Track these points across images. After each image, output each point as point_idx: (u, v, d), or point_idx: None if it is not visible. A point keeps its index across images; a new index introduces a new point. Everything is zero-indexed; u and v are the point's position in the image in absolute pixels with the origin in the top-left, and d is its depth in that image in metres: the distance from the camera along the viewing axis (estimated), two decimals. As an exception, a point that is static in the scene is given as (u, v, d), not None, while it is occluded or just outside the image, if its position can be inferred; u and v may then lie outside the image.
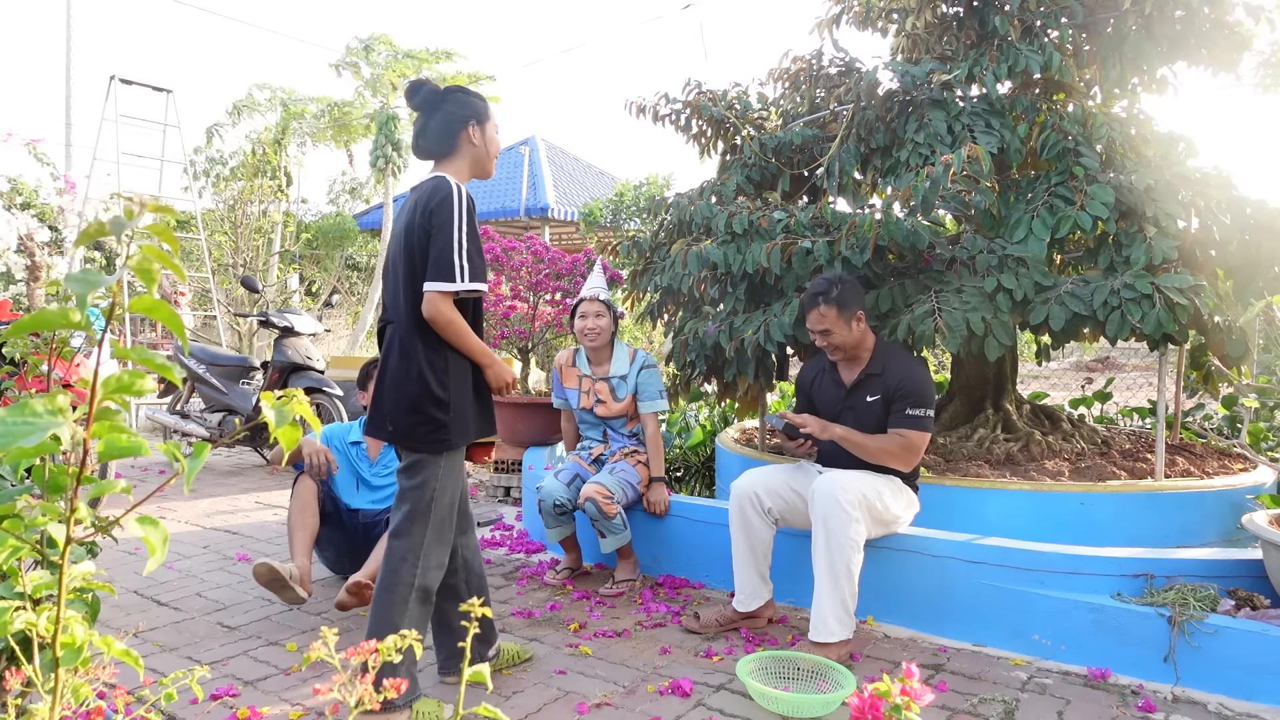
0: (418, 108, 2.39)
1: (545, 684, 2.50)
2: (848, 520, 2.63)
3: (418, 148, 2.40)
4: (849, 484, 2.70)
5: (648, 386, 3.56)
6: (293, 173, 11.76)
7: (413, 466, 2.32)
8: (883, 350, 2.93)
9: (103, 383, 0.83)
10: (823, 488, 2.70)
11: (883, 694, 1.26)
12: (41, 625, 0.96)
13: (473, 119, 2.37)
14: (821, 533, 2.67)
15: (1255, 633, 2.38)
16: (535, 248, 5.18)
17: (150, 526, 0.87)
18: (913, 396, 2.78)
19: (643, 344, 8.98)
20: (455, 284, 2.21)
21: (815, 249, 3.37)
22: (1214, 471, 3.73)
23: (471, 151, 2.38)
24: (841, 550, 2.62)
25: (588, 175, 17.24)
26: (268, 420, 0.92)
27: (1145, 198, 3.31)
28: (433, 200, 2.24)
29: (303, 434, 1.00)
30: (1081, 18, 3.87)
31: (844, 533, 2.63)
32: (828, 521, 2.65)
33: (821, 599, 2.64)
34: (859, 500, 2.68)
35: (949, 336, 3.06)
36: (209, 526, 4.44)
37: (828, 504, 2.66)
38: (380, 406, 2.34)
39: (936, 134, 3.64)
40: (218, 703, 2.35)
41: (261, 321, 6.03)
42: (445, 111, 2.36)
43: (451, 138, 2.35)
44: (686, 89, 4.54)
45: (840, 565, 2.62)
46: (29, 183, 12.14)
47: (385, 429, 2.34)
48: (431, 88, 2.39)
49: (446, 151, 2.36)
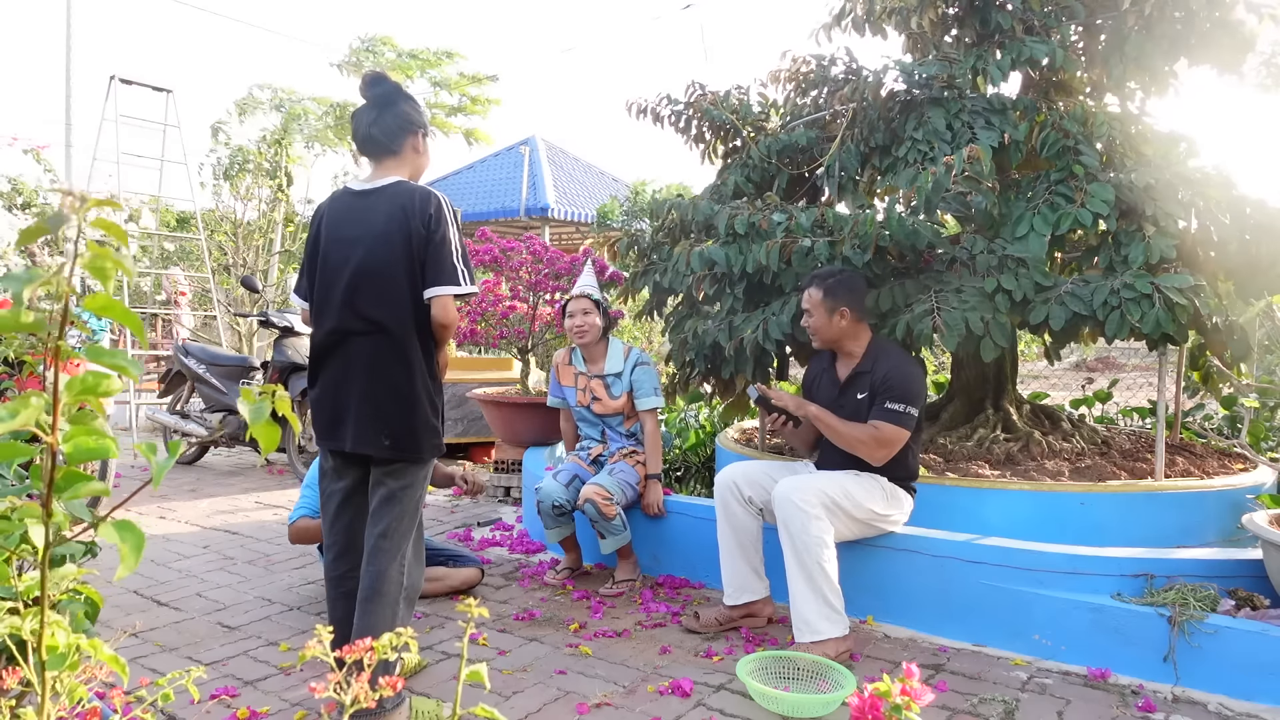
0: (373, 100, 2.33)
1: (545, 684, 2.50)
2: (806, 518, 2.65)
3: (368, 139, 2.32)
4: (805, 485, 2.74)
5: (643, 383, 3.56)
6: (294, 173, 11.75)
7: (402, 469, 2.29)
8: (876, 348, 2.94)
9: (67, 385, 0.80)
10: (780, 494, 2.74)
11: (883, 694, 1.26)
12: (26, 630, 0.95)
13: (422, 129, 2.37)
14: (786, 536, 2.71)
15: (1255, 633, 2.38)
16: (535, 248, 5.18)
17: (125, 532, 0.83)
18: (894, 391, 2.78)
19: (642, 344, 8.98)
20: (461, 287, 2.22)
21: (815, 248, 3.38)
22: (1214, 471, 3.73)
23: (413, 159, 2.37)
24: (808, 549, 2.64)
25: (588, 175, 17.22)
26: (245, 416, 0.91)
27: (1145, 196, 3.31)
28: (429, 207, 2.22)
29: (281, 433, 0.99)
30: (1082, 17, 3.87)
31: (805, 531, 2.65)
32: (788, 524, 2.69)
33: (799, 600, 2.65)
34: (817, 499, 2.70)
35: (947, 335, 3.06)
36: (209, 526, 4.44)
37: (786, 508, 2.70)
38: (368, 420, 2.22)
39: (935, 130, 3.64)
40: (217, 703, 2.35)
41: (261, 321, 6.02)
42: (401, 112, 2.33)
43: (401, 139, 2.32)
44: (688, 91, 4.54)
45: (811, 563, 2.63)
46: (29, 183, 12.15)
47: (380, 443, 2.23)
48: (393, 84, 2.37)
49: (395, 151, 2.33)
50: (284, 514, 4.73)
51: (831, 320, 2.89)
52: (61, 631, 0.96)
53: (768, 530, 2.97)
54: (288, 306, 9.98)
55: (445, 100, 15.13)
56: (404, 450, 2.25)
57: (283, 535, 4.24)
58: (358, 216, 2.29)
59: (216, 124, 12.87)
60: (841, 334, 2.92)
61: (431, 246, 2.21)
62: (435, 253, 2.21)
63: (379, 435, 2.23)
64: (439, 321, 2.24)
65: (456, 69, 14.84)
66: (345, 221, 2.31)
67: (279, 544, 4.08)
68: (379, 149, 2.33)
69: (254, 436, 3.82)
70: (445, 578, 3.28)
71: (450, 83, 15.09)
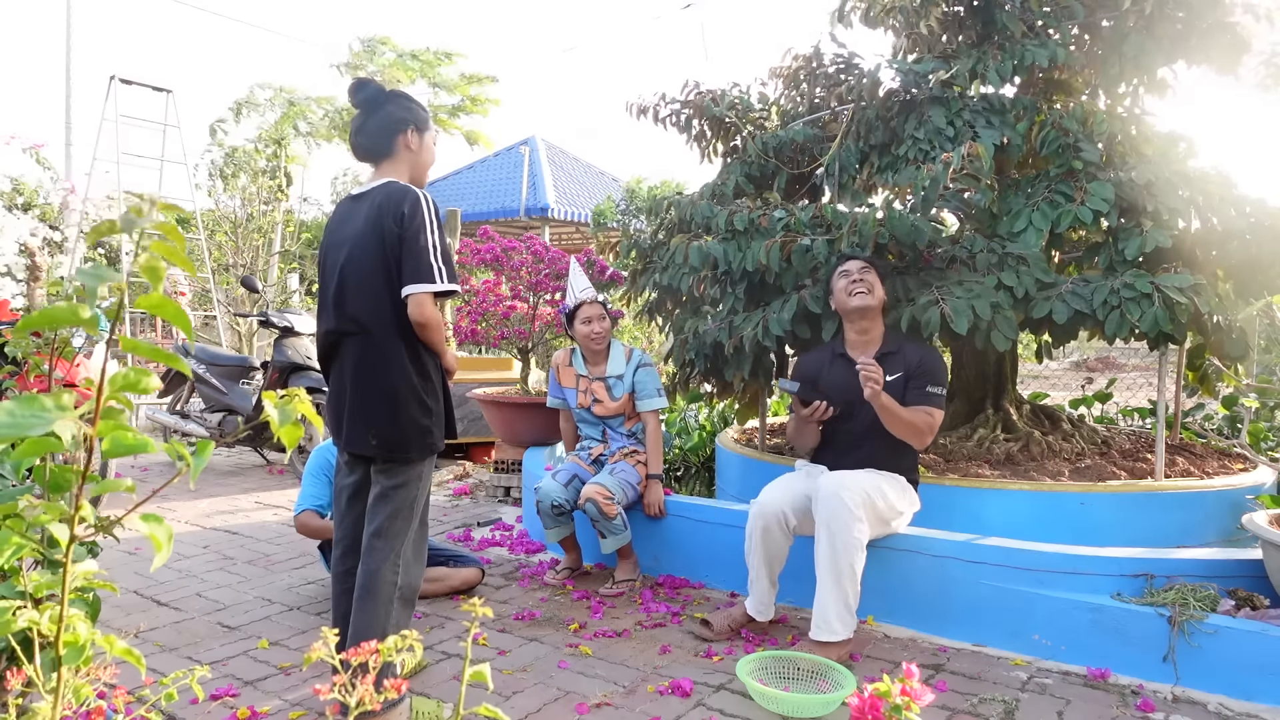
0: (359, 105, 2.36)
1: (545, 684, 2.50)
2: (851, 520, 2.63)
3: (356, 145, 2.37)
4: (853, 484, 2.70)
5: (645, 385, 3.56)
6: (293, 173, 11.75)
7: (394, 468, 2.29)
8: (893, 334, 3.00)
9: (109, 380, 0.83)
10: (827, 488, 2.70)
11: (883, 694, 1.26)
12: (44, 624, 0.96)
13: (412, 124, 2.36)
14: (825, 533, 2.66)
15: (1255, 633, 2.39)
16: (535, 248, 5.18)
17: (156, 524, 0.88)
18: (931, 375, 2.84)
19: (642, 344, 8.98)
20: (436, 284, 2.20)
21: (815, 246, 3.38)
22: (1214, 471, 3.73)
23: (409, 157, 2.37)
24: (846, 550, 2.62)
25: (588, 175, 17.24)
26: (270, 419, 0.92)
27: (1145, 194, 3.31)
28: (403, 205, 2.21)
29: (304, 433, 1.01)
30: (1082, 17, 3.87)
31: (848, 533, 2.62)
32: (831, 522, 2.65)
33: (824, 599, 2.64)
34: (863, 500, 2.68)
35: (957, 320, 3.05)
36: (209, 526, 4.44)
37: (832, 505, 2.66)
38: (357, 420, 2.26)
39: (937, 129, 3.64)
40: (218, 703, 2.35)
41: (261, 321, 6.02)
42: (386, 113, 2.34)
43: (388, 139, 2.33)
44: (686, 89, 4.54)
45: (844, 565, 2.62)
46: (30, 183, 12.14)
47: (368, 443, 2.27)
48: (376, 88, 2.38)
49: (385, 153, 2.34)
50: (284, 514, 4.73)
51: (878, 292, 2.95)
52: (83, 625, 0.98)
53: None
54: (288, 306, 9.98)
55: (445, 101, 15.12)
56: (391, 450, 2.27)
57: (283, 535, 4.25)
58: (348, 219, 2.32)
59: (215, 123, 12.87)
60: (879, 313, 2.97)
61: (405, 244, 2.20)
62: (409, 250, 2.20)
63: (366, 434, 2.26)
64: (415, 320, 2.22)
65: (456, 70, 14.81)
66: (338, 225, 2.36)
67: (279, 544, 4.08)
68: (370, 153, 2.36)
69: (253, 436, 3.84)
70: (445, 578, 3.27)
71: (450, 83, 15.07)
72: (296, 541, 4.11)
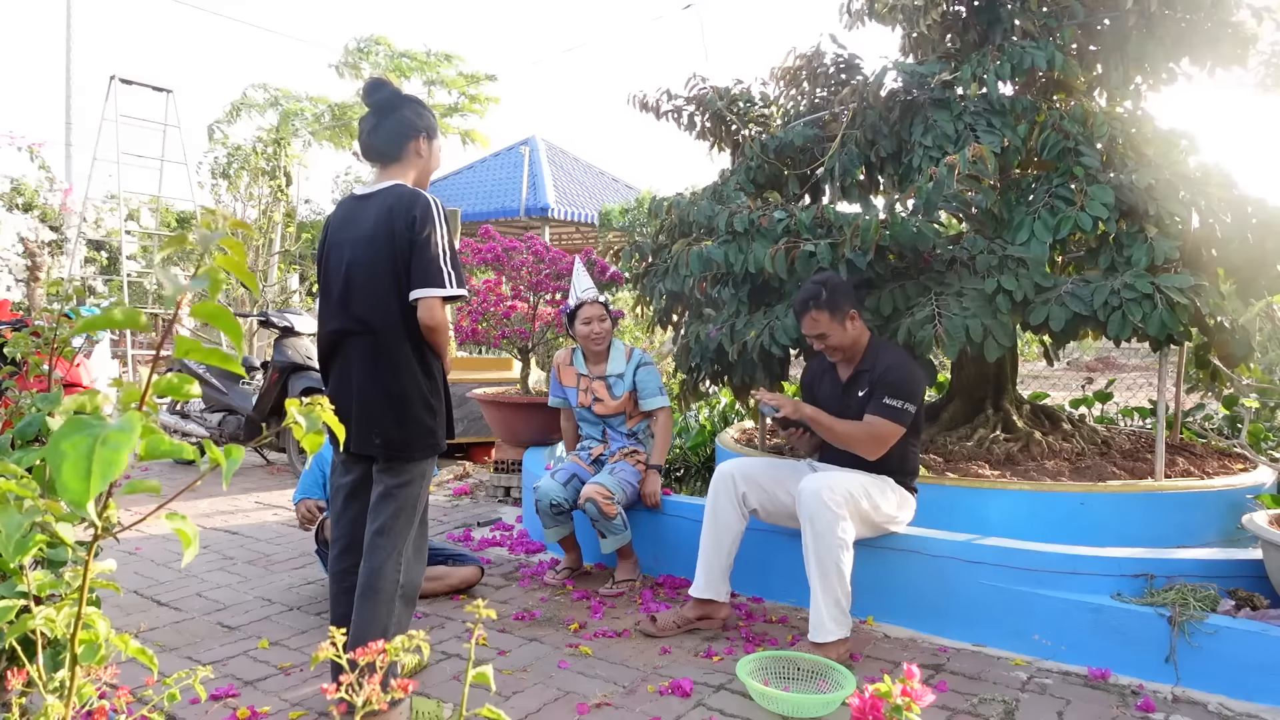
0: (374, 106, 2.37)
1: (545, 684, 2.50)
2: (834, 519, 2.63)
3: (368, 147, 2.37)
4: (834, 483, 2.70)
5: (647, 384, 3.56)
6: (293, 173, 11.75)
7: (398, 467, 2.29)
8: (876, 346, 2.94)
9: (153, 384, 0.84)
10: (808, 488, 2.70)
11: (883, 694, 1.26)
12: (61, 622, 0.96)
13: (424, 132, 2.38)
14: (809, 533, 2.67)
15: (1255, 633, 2.39)
16: (535, 248, 5.18)
17: (181, 522, 0.91)
18: (892, 386, 2.77)
19: (643, 344, 8.98)
20: (447, 289, 2.22)
21: (818, 251, 3.37)
22: (1214, 471, 3.73)
23: (417, 163, 2.38)
24: (830, 550, 2.62)
25: (588, 175, 17.23)
26: (294, 425, 0.93)
27: (1146, 196, 3.31)
28: (414, 209, 2.23)
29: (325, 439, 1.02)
30: (1083, 17, 3.87)
31: (831, 532, 2.63)
32: (814, 522, 2.65)
33: (816, 600, 2.64)
34: (845, 499, 2.68)
35: (949, 344, 3.07)
36: (209, 526, 4.44)
37: (813, 504, 2.66)
38: (363, 421, 2.25)
39: (945, 135, 3.63)
40: (218, 703, 2.35)
41: (261, 321, 6.02)
42: (400, 117, 2.35)
43: (400, 144, 2.34)
44: (689, 84, 4.54)
45: (830, 565, 2.62)
46: (30, 183, 12.14)
47: (372, 443, 2.26)
48: (392, 90, 2.38)
49: (395, 157, 2.35)
50: (284, 514, 4.73)
51: (846, 329, 2.87)
52: (102, 622, 0.99)
53: (757, 534, 2.97)
54: (288, 306, 9.99)
55: (442, 100, 15.11)
56: (395, 449, 2.27)
57: (283, 535, 4.25)
58: (354, 219, 2.33)
59: (213, 124, 12.87)
60: (858, 336, 2.91)
61: (416, 248, 2.22)
62: (419, 254, 2.21)
63: (370, 434, 2.26)
64: (424, 323, 2.24)
65: (454, 70, 14.81)
66: (344, 225, 2.36)
67: (279, 544, 4.08)
68: (380, 155, 2.36)
69: (252, 436, 3.85)
70: (445, 577, 3.28)
71: (447, 82, 15.06)
72: (296, 541, 4.11)
